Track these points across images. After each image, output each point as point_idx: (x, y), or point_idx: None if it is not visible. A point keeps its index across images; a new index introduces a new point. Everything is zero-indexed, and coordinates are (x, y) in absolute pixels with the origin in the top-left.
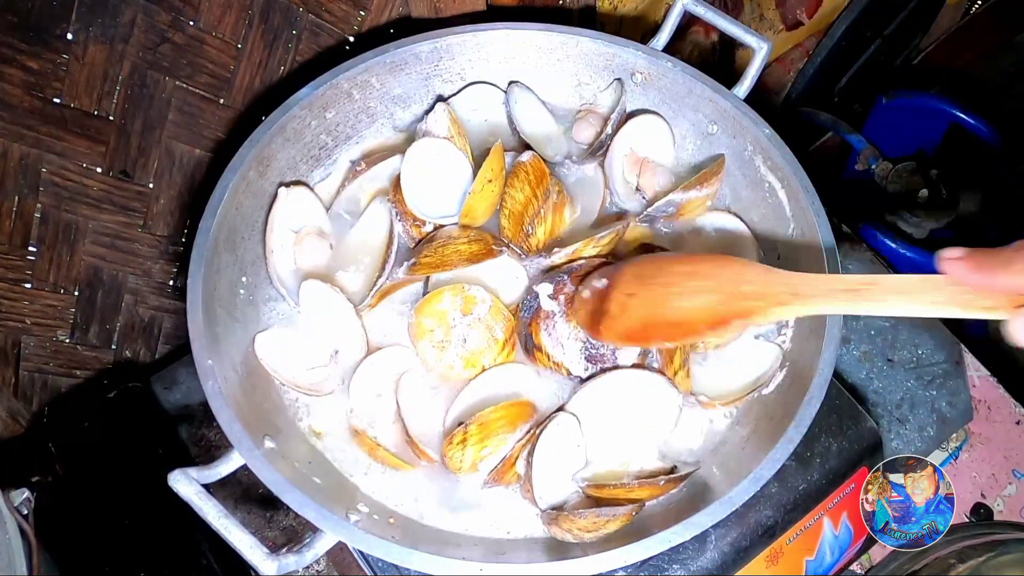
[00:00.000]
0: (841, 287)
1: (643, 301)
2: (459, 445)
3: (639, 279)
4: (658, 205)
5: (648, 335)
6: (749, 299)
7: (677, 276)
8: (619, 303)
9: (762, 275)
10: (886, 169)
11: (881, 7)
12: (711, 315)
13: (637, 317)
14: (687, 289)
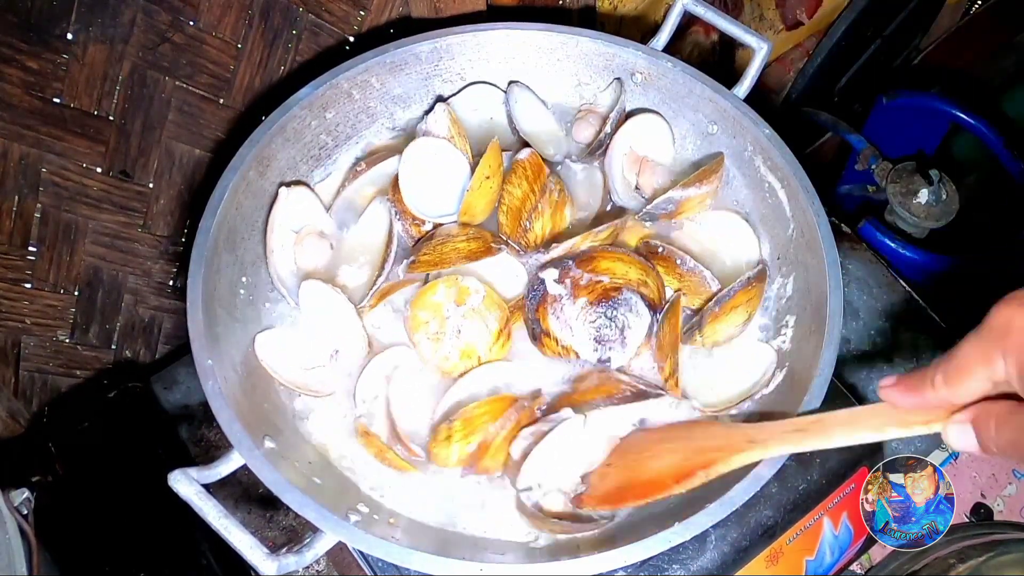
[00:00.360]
0: (790, 430)
1: (619, 468)
2: (444, 441)
3: (619, 453)
4: (657, 203)
5: (622, 497)
6: (710, 452)
7: (652, 443)
8: (599, 474)
9: (723, 429)
10: (886, 169)
11: (881, 7)
12: (678, 471)
13: (613, 484)
14: (659, 452)
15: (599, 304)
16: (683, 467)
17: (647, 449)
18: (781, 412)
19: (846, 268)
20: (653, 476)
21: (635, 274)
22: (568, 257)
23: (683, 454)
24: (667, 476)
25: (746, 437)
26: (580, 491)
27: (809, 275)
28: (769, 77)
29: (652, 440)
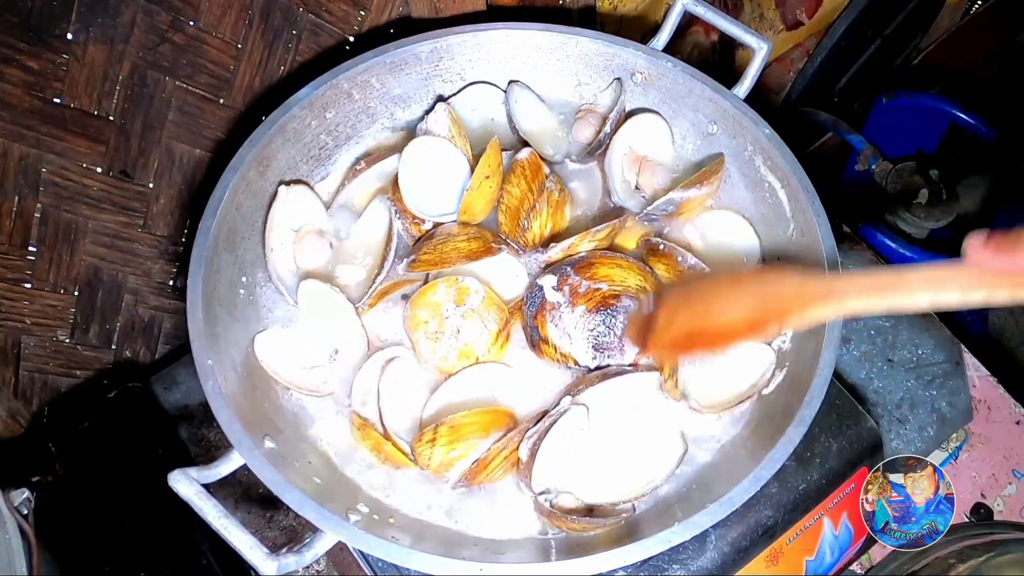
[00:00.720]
0: (870, 285)
1: (688, 315)
2: (428, 443)
3: (682, 297)
4: (658, 204)
5: (692, 344)
6: (785, 302)
7: (714, 289)
8: (665, 319)
9: (798, 280)
10: (886, 169)
11: (881, 7)
12: (749, 319)
13: (682, 329)
14: (725, 299)
15: (598, 312)
16: (755, 316)
17: (717, 294)
18: (781, 412)
19: (846, 268)
20: (724, 324)
21: (633, 280)
22: (566, 263)
23: (755, 301)
24: (739, 324)
25: (823, 289)
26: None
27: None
28: (769, 77)
29: (722, 284)
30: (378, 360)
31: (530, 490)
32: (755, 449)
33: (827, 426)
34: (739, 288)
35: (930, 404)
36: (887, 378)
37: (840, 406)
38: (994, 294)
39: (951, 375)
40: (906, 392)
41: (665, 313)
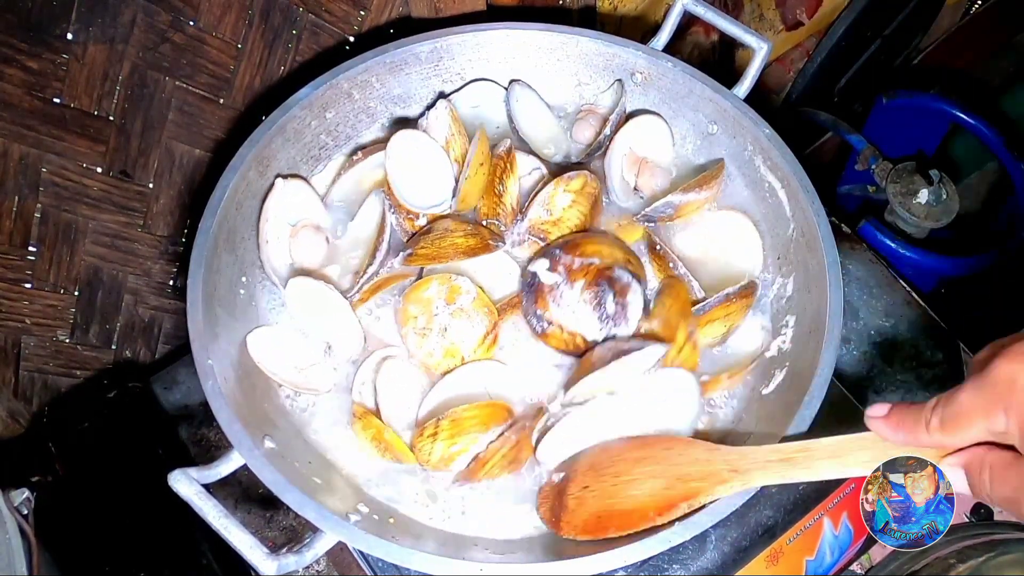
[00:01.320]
0: (775, 458)
1: (597, 494)
2: (429, 438)
3: (594, 470)
4: (656, 206)
5: (603, 526)
6: (693, 480)
7: (628, 464)
8: (576, 497)
9: (704, 454)
10: (886, 169)
11: (881, 7)
12: (659, 501)
13: (592, 510)
14: (637, 476)
15: (597, 283)
16: (665, 497)
17: (621, 469)
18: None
19: (846, 268)
20: (634, 506)
21: (620, 254)
22: (554, 247)
23: (663, 480)
24: (648, 507)
25: (729, 466)
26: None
27: (809, 275)
28: (769, 77)
29: (625, 458)
30: (375, 356)
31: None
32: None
33: (827, 426)
34: (646, 462)
35: None
36: (887, 378)
37: (840, 406)
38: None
39: (951, 375)
40: (906, 392)
41: (575, 489)
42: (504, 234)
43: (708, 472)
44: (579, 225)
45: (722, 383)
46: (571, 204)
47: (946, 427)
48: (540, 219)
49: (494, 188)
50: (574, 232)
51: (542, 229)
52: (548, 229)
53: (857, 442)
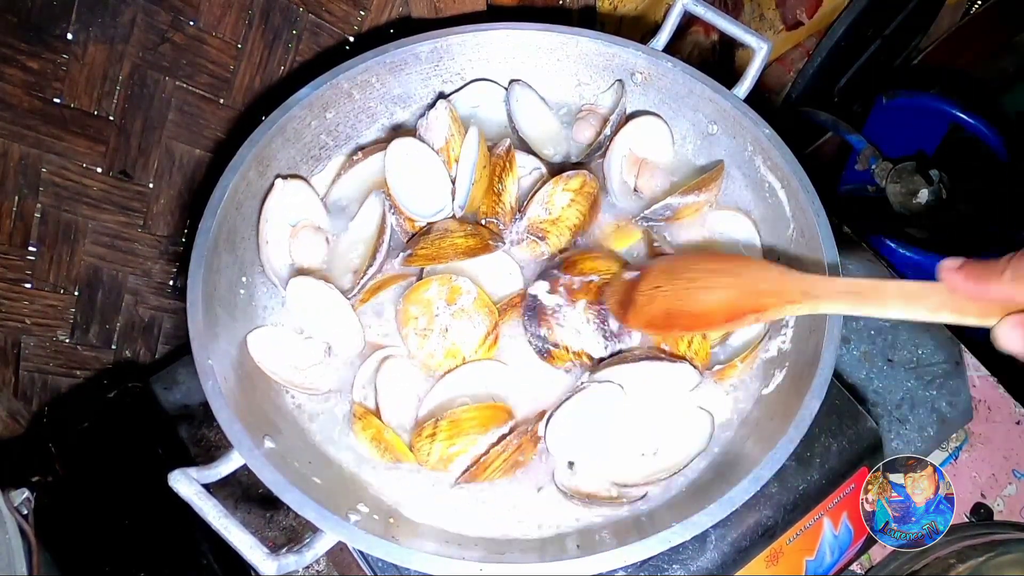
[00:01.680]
0: (848, 290)
1: (669, 293)
2: (428, 438)
3: (667, 274)
4: (655, 208)
5: (670, 323)
6: (764, 296)
7: (702, 272)
8: (647, 294)
9: (778, 275)
10: (886, 169)
11: (881, 7)
12: (728, 308)
13: (662, 307)
14: (710, 284)
15: (599, 302)
16: (735, 306)
17: (699, 277)
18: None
19: (846, 268)
20: (703, 309)
21: (616, 268)
22: (551, 267)
23: (736, 291)
24: (718, 312)
25: (801, 288)
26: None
27: None
28: (769, 77)
29: (700, 267)
30: (375, 357)
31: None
32: (755, 449)
33: (827, 426)
34: (721, 274)
35: (930, 404)
36: (887, 378)
37: (840, 406)
38: (962, 318)
39: (951, 375)
40: (906, 392)
41: (646, 287)
42: (503, 233)
43: (780, 291)
44: (578, 225)
45: (737, 368)
46: (570, 203)
47: (1021, 280)
48: (539, 218)
49: (493, 187)
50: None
51: (540, 228)
52: (547, 228)
53: (928, 289)
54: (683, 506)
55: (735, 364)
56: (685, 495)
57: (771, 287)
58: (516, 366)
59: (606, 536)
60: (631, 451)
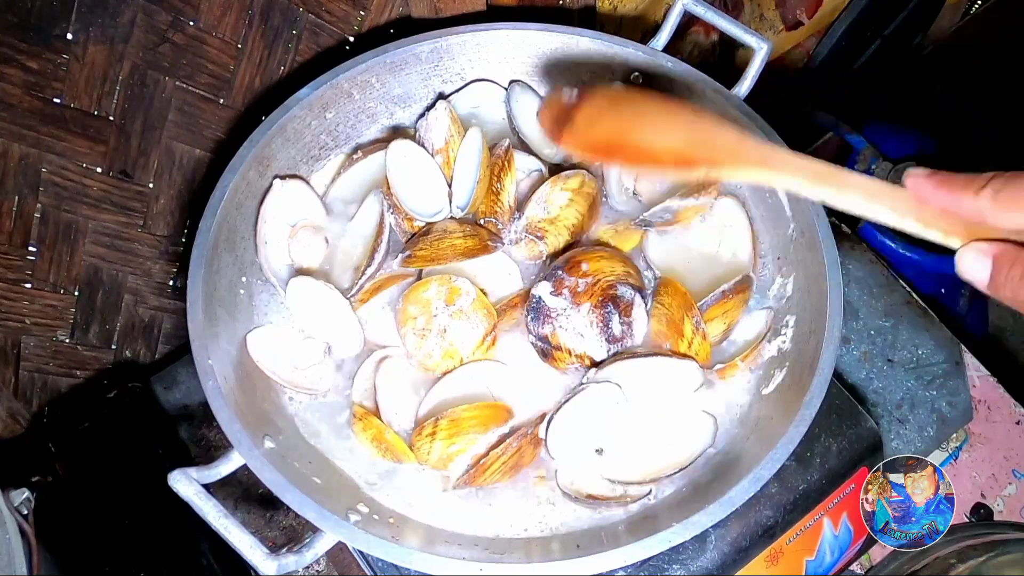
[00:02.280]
0: (807, 167)
1: (613, 121)
2: (428, 437)
3: (610, 101)
4: (654, 211)
5: (610, 152)
6: (719, 151)
7: (653, 109)
8: (588, 117)
9: (737, 135)
10: (886, 169)
11: (881, 7)
12: (679, 153)
13: (604, 133)
14: (660, 123)
15: (604, 305)
16: (686, 153)
17: (648, 113)
18: (781, 412)
19: (846, 268)
20: (651, 146)
21: (619, 268)
22: (555, 266)
23: (689, 137)
24: (666, 152)
25: (760, 153)
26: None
27: (809, 275)
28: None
29: (651, 104)
30: (375, 356)
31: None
32: (755, 449)
33: (827, 426)
34: (673, 116)
35: (930, 404)
36: (887, 378)
37: (840, 406)
38: (926, 231)
39: (951, 375)
40: (906, 392)
41: (589, 110)
42: (501, 233)
43: (737, 150)
44: (576, 225)
45: (738, 368)
46: (568, 203)
47: (999, 199)
48: (537, 217)
49: (492, 187)
50: (571, 246)
51: (539, 227)
52: (545, 228)
53: (893, 191)
54: (683, 506)
55: (735, 363)
56: (685, 495)
57: (727, 144)
58: (516, 366)
59: (606, 536)
60: (632, 451)
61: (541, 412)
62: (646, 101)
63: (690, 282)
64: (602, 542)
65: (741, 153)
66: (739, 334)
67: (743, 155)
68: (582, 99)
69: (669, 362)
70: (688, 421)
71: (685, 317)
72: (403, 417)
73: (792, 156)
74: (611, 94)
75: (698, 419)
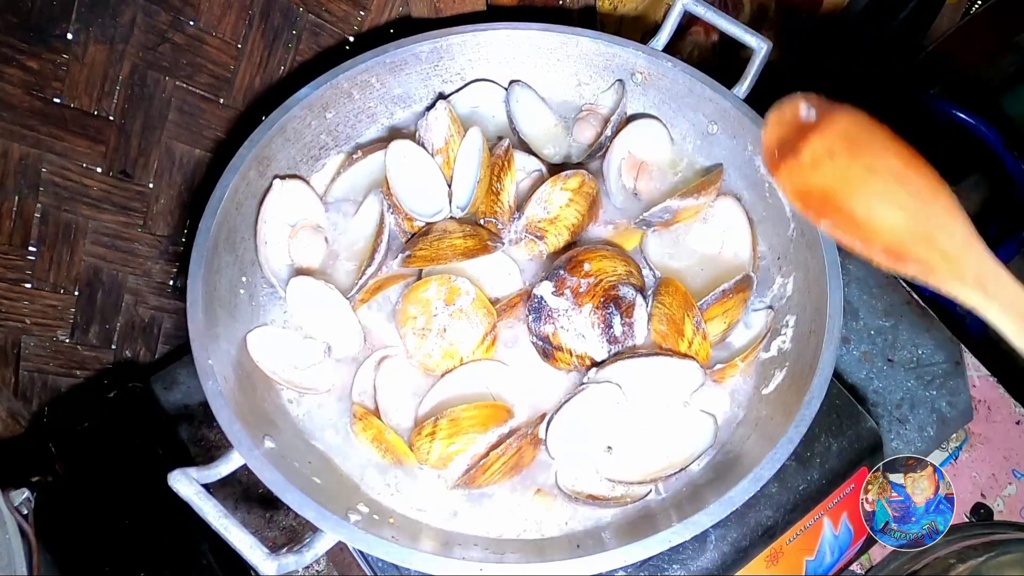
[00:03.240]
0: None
1: (839, 170)
2: (427, 437)
3: (847, 141)
4: (654, 211)
5: (823, 209)
6: (937, 253)
7: (884, 167)
8: (814, 154)
9: (963, 236)
10: None
11: (881, 8)
12: (891, 240)
13: (824, 183)
14: (888, 190)
15: (605, 306)
16: (903, 242)
17: (876, 165)
18: (781, 412)
19: (846, 268)
20: (867, 218)
21: (621, 267)
22: (557, 266)
23: (912, 223)
24: (880, 235)
25: (979, 273)
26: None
27: (809, 275)
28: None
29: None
30: (375, 356)
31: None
32: (755, 449)
33: (827, 426)
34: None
35: (930, 404)
36: (887, 378)
37: (840, 406)
38: None
39: (951, 375)
40: (906, 392)
41: (817, 146)
42: (501, 232)
43: (958, 259)
44: (576, 224)
45: (738, 367)
46: (568, 203)
47: None
48: (537, 217)
49: (492, 187)
50: (571, 246)
51: (539, 227)
52: (545, 227)
53: None
54: (683, 506)
55: (735, 364)
56: (685, 495)
57: (950, 247)
58: (516, 366)
59: (606, 536)
60: (632, 451)
61: (541, 412)
62: (884, 153)
63: (690, 282)
64: (602, 542)
65: (958, 264)
66: (739, 334)
67: (960, 269)
68: (820, 122)
69: (669, 362)
70: (688, 421)
71: (686, 317)
72: (403, 417)
73: (1012, 283)
74: (851, 125)
75: (698, 419)
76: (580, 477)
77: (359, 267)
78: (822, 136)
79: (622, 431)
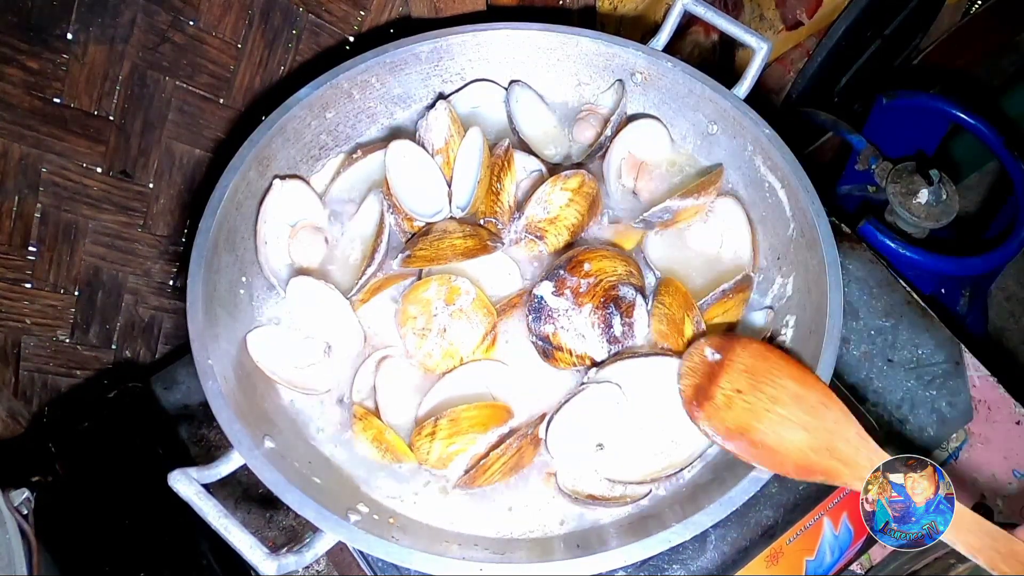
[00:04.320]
0: None
1: (749, 407)
2: (427, 437)
3: (750, 375)
4: (654, 211)
5: (741, 438)
6: (838, 460)
7: (784, 394)
8: (726, 395)
9: (856, 438)
10: (886, 169)
11: (881, 7)
12: (801, 459)
13: (738, 420)
14: (789, 416)
15: (605, 306)
16: (807, 458)
17: (781, 401)
18: None
19: (846, 268)
20: (776, 446)
21: (622, 267)
22: (557, 266)
23: (813, 440)
24: (789, 458)
25: (872, 466)
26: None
27: (809, 275)
28: (769, 77)
29: (784, 385)
30: (375, 356)
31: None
32: None
33: None
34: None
35: (930, 404)
36: (887, 378)
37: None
38: None
39: (951, 375)
40: (906, 392)
41: (727, 384)
42: (501, 232)
43: (856, 462)
44: (576, 224)
45: None
46: (568, 203)
47: None
48: (537, 217)
49: (492, 187)
50: (571, 246)
51: (539, 227)
52: (545, 227)
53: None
54: (683, 506)
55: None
56: (685, 495)
57: (847, 452)
58: (516, 366)
59: (606, 536)
60: (632, 451)
61: (541, 412)
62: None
63: (690, 282)
64: (602, 542)
65: (857, 468)
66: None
67: (859, 470)
68: (722, 367)
69: (670, 362)
70: (688, 421)
71: (686, 317)
72: (403, 417)
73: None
74: (749, 357)
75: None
76: (580, 477)
77: (359, 267)
78: (729, 375)
79: (622, 431)
